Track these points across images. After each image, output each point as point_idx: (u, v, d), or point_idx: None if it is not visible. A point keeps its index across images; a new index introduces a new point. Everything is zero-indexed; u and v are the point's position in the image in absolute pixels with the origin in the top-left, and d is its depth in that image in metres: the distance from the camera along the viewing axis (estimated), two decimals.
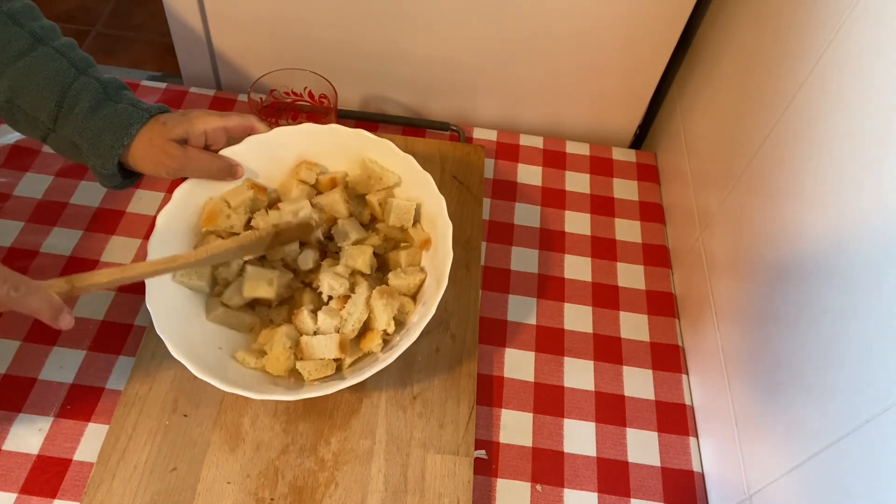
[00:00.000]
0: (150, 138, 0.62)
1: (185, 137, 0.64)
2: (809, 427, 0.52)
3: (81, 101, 0.61)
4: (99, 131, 0.61)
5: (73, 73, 0.61)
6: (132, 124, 0.61)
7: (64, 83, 0.61)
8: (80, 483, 0.62)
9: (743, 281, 0.66)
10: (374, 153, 0.70)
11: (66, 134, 0.61)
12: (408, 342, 0.59)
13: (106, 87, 0.63)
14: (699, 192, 0.80)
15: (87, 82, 0.61)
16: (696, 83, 0.86)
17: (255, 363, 0.63)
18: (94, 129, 0.61)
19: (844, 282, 0.50)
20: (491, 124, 0.98)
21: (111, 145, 0.61)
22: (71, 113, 0.61)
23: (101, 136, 0.61)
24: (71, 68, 0.61)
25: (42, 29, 0.62)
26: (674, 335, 0.78)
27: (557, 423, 0.70)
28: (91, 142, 0.61)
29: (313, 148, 0.72)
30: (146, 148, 0.62)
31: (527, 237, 0.85)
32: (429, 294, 0.65)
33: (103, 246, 0.78)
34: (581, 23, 0.84)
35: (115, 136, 0.61)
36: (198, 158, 0.65)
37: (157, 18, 1.50)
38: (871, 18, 0.51)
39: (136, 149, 0.62)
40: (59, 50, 0.62)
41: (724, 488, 0.65)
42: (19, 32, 0.60)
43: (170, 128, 0.62)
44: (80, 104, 0.60)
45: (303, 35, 0.90)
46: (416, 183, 0.69)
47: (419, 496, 0.63)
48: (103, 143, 0.61)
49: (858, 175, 0.50)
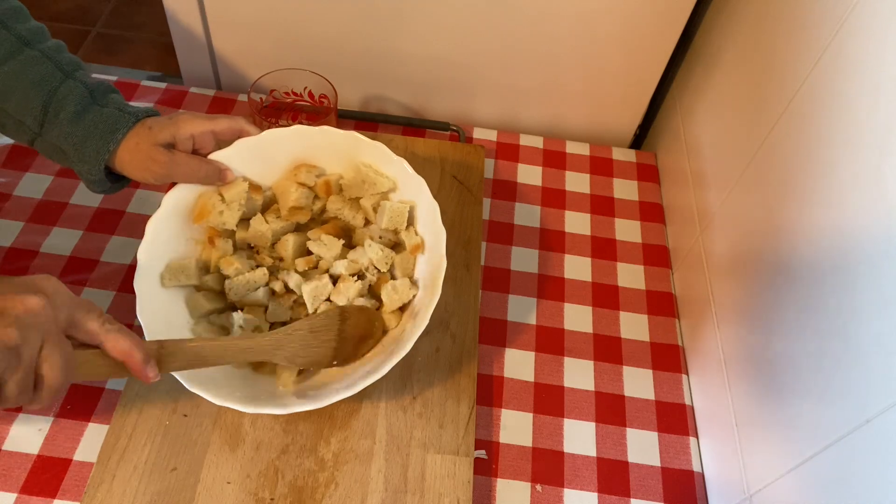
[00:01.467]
0: (137, 143, 0.61)
1: (171, 142, 0.62)
2: (809, 427, 0.52)
3: (67, 105, 0.60)
4: (84, 137, 0.60)
5: (59, 76, 0.60)
6: (118, 129, 0.60)
7: (50, 87, 0.60)
8: (80, 483, 0.62)
9: (743, 281, 0.66)
10: (366, 155, 0.69)
11: (52, 139, 0.60)
12: (401, 353, 0.59)
13: (93, 91, 0.62)
14: (699, 192, 0.80)
15: (74, 86, 0.61)
16: (696, 83, 0.86)
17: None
18: (79, 134, 0.60)
19: (844, 282, 0.50)
20: (491, 124, 0.98)
21: (97, 150, 0.60)
22: (56, 118, 0.60)
23: (86, 141, 0.60)
24: (57, 72, 0.61)
25: (29, 32, 0.61)
26: (674, 335, 0.78)
27: (557, 423, 0.70)
28: (76, 147, 0.60)
29: (306, 150, 0.70)
30: (133, 153, 0.61)
31: (527, 237, 0.85)
32: (421, 305, 0.64)
33: (103, 246, 0.78)
34: (581, 23, 0.84)
35: (100, 141, 0.60)
36: (185, 163, 0.63)
37: (157, 18, 1.50)
38: (871, 18, 0.51)
39: (122, 154, 0.61)
40: (46, 53, 0.61)
41: (724, 488, 0.65)
42: (5, 36, 0.60)
43: (156, 132, 0.61)
44: (66, 109, 0.60)
45: (303, 35, 0.90)
46: (410, 186, 0.68)
47: (419, 496, 0.63)
48: (89, 149, 0.60)
49: (858, 175, 0.50)
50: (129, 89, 0.93)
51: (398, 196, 0.70)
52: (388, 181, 0.69)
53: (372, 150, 0.68)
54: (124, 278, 0.75)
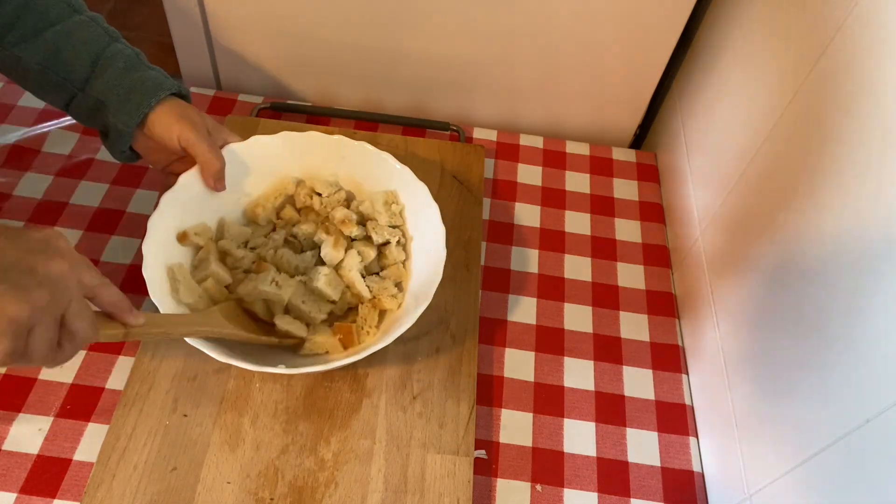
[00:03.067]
0: (184, 107, 0.65)
1: (208, 128, 0.67)
2: (809, 427, 0.52)
3: (116, 62, 0.64)
4: (130, 89, 0.63)
5: (107, 39, 0.65)
6: (163, 89, 0.64)
7: (99, 47, 0.64)
8: (80, 483, 0.62)
9: (743, 281, 0.66)
10: (353, 154, 0.73)
11: (95, 93, 0.63)
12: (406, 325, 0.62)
13: (139, 55, 0.66)
14: (699, 192, 0.80)
15: (122, 48, 0.65)
16: (696, 83, 0.86)
17: None
18: (125, 86, 0.63)
19: (844, 282, 0.50)
20: (491, 124, 0.98)
21: (138, 104, 0.63)
22: (105, 72, 0.63)
23: (130, 93, 0.63)
24: (105, 35, 0.65)
25: (77, 1, 0.66)
26: (674, 335, 0.78)
27: (557, 423, 0.70)
28: (120, 98, 0.63)
29: (294, 157, 0.74)
30: (172, 114, 0.64)
31: (527, 237, 0.85)
32: (422, 286, 0.67)
33: (103, 246, 0.78)
34: (581, 23, 0.84)
35: (145, 95, 0.63)
36: (212, 144, 0.66)
37: (157, 18, 1.50)
38: (871, 18, 0.51)
39: (160, 113, 0.64)
40: (94, 19, 0.66)
41: (724, 488, 0.65)
42: (56, 1, 0.64)
43: (204, 115, 0.67)
44: (115, 65, 0.63)
45: (303, 35, 0.90)
46: (396, 179, 0.72)
47: (419, 496, 0.63)
48: (132, 101, 0.63)
49: (858, 175, 0.50)
50: None
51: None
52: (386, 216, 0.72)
53: (358, 150, 0.72)
54: (124, 278, 0.75)
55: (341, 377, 0.68)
